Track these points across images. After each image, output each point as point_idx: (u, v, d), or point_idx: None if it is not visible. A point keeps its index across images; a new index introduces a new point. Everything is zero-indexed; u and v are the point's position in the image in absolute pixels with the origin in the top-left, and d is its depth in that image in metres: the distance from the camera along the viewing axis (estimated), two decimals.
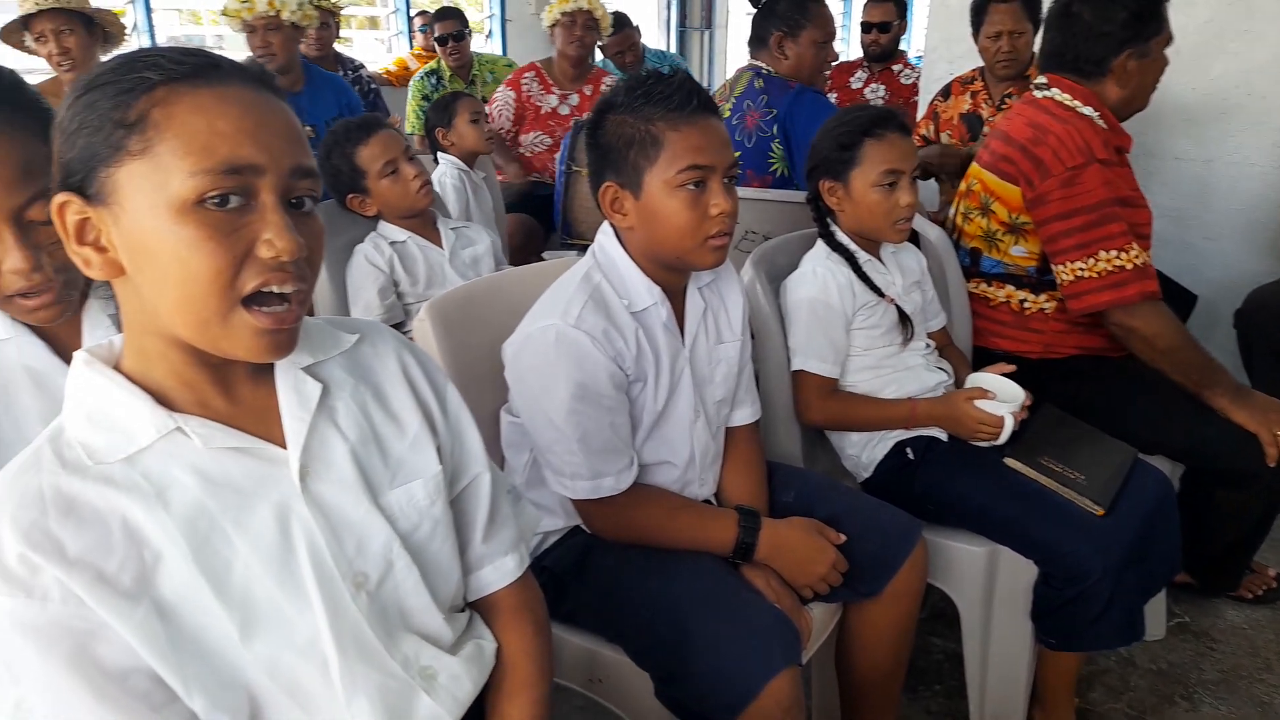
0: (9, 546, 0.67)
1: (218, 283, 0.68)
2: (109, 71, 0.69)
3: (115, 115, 0.67)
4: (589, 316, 1.24)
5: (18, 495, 0.69)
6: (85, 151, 0.68)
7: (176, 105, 0.67)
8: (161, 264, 0.68)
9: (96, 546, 0.69)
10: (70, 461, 0.71)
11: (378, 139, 2.06)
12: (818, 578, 1.33)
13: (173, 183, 0.67)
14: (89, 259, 0.71)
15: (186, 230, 0.67)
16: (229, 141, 0.67)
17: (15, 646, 0.67)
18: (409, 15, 5.88)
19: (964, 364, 1.89)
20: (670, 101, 1.21)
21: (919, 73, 3.65)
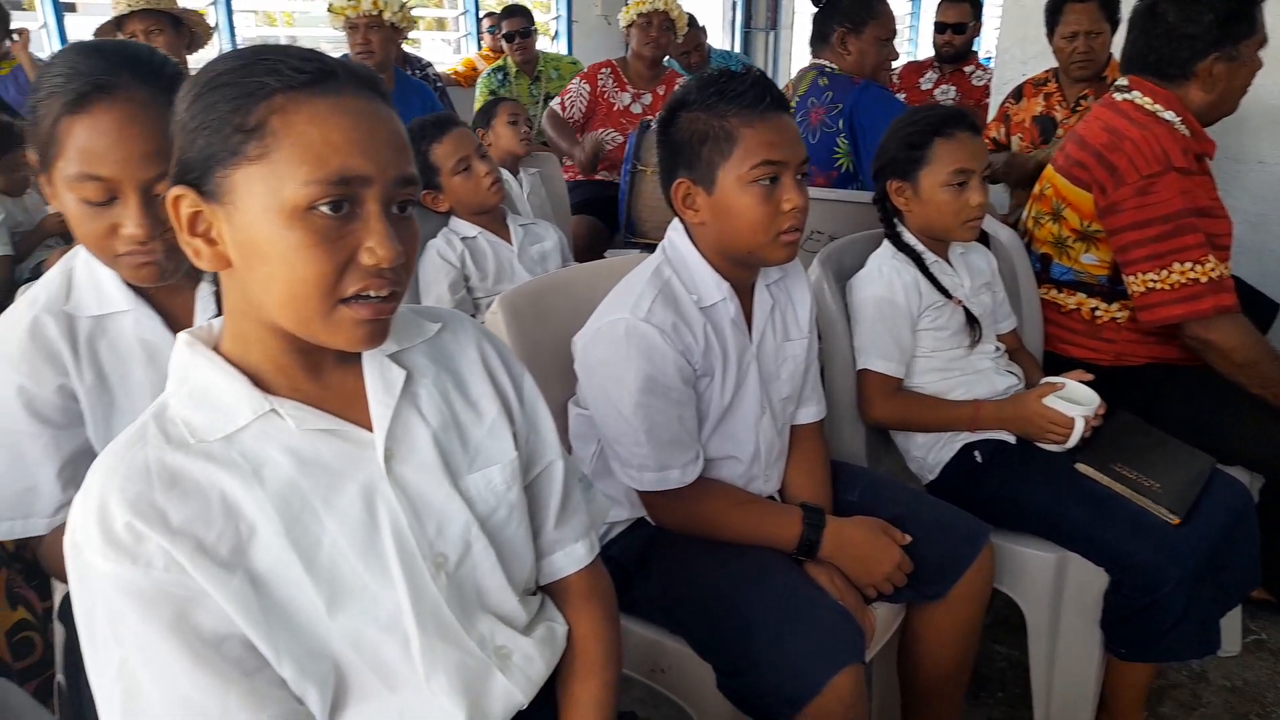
0: (117, 515, 0.70)
1: (321, 286, 0.71)
2: (229, 72, 0.72)
3: (235, 120, 0.70)
4: (659, 310, 1.26)
5: (125, 467, 0.73)
6: (204, 151, 0.71)
7: (294, 114, 0.70)
8: (270, 264, 0.71)
9: (197, 518, 0.73)
10: (174, 437, 0.75)
11: (451, 137, 2.10)
12: (882, 577, 1.33)
13: (286, 189, 0.69)
14: (199, 250, 0.75)
15: (295, 235, 0.70)
16: (341, 153, 0.70)
17: (121, 610, 0.70)
18: (477, 16, 5.96)
19: (1035, 368, 1.86)
20: (744, 98, 1.22)
21: (990, 74, 3.59)
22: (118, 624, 0.71)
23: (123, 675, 0.71)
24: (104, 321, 1.08)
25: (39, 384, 1.04)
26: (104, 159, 0.97)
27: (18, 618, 1.50)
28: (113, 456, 0.74)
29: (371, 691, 0.80)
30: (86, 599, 0.72)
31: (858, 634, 1.21)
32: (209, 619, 0.72)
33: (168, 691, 0.71)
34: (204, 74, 0.73)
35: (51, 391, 1.04)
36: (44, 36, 4.55)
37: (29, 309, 1.06)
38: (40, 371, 1.04)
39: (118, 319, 1.08)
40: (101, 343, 1.08)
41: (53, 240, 2.84)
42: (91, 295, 1.08)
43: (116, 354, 1.08)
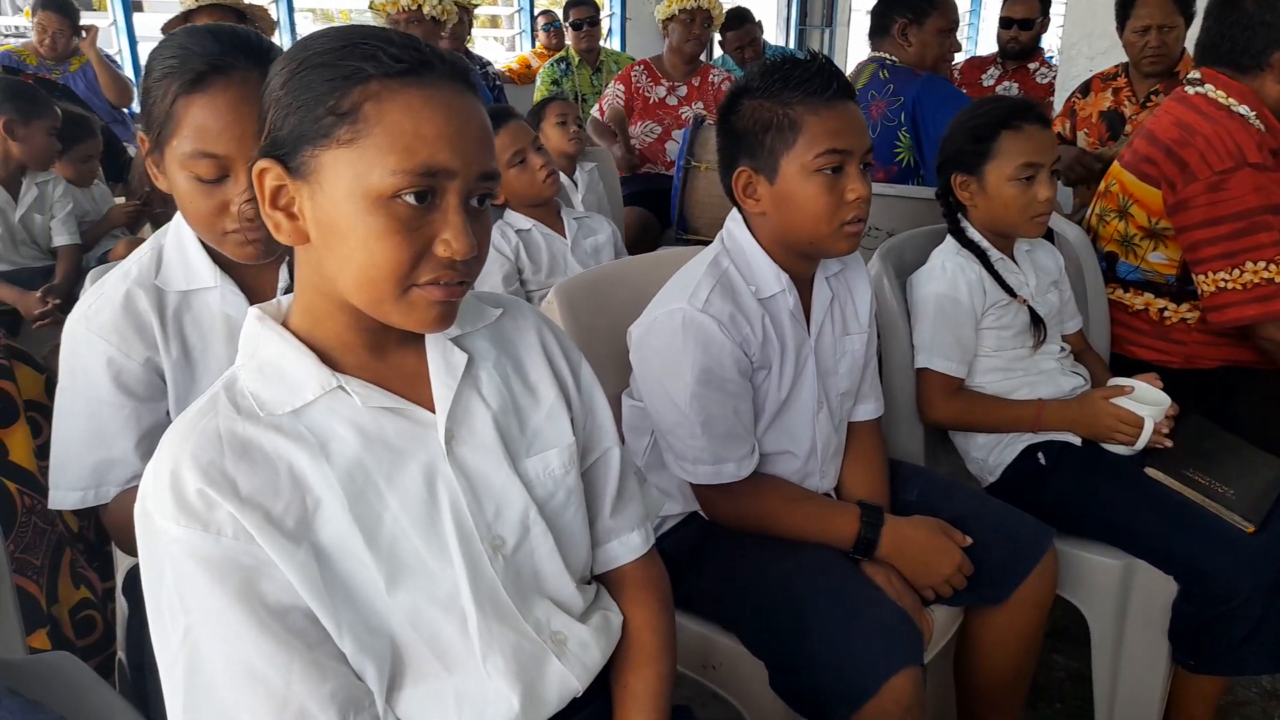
0: (189, 482, 0.71)
1: (396, 272, 0.72)
2: (327, 53, 0.72)
3: (329, 102, 0.70)
4: (716, 301, 1.24)
5: (197, 435, 0.74)
6: (295, 129, 0.72)
7: (388, 103, 0.70)
8: (349, 246, 0.72)
9: (266, 488, 0.73)
10: (244, 408, 0.76)
11: (507, 130, 2.11)
12: (941, 579, 1.29)
13: (373, 176, 0.70)
14: (279, 223, 0.75)
15: (377, 221, 0.71)
16: (430, 145, 0.70)
17: (189, 576, 0.71)
18: (531, 14, 6.00)
19: (1103, 369, 1.80)
20: (809, 85, 1.20)
21: (1056, 71, 3.51)
22: (185, 590, 0.71)
23: (187, 641, 0.72)
24: (190, 297, 1.11)
25: (128, 356, 1.06)
26: (219, 137, 1.00)
27: (80, 596, 1.53)
28: (185, 425, 0.75)
29: (428, 671, 0.80)
30: (155, 565, 0.73)
31: (916, 635, 1.18)
32: (274, 589, 0.73)
33: (232, 659, 0.71)
34: (301, 51, 0.73)
35: (139, 364, 1.07)
36: (113, 34, 4.68)
37: (122, 282, 1.09)
38: (131, 343, 1.06)
39: (204, 295, 1.11)
40: (187, 317, 1.10)
41: (119, 230, 2.92)
42: (180, 271, 1.11)
43: (200, 329, 1.11)
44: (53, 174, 2.70)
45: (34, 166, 2.60)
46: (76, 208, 2.77)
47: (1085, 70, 3.04)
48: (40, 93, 2.60)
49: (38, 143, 2.54)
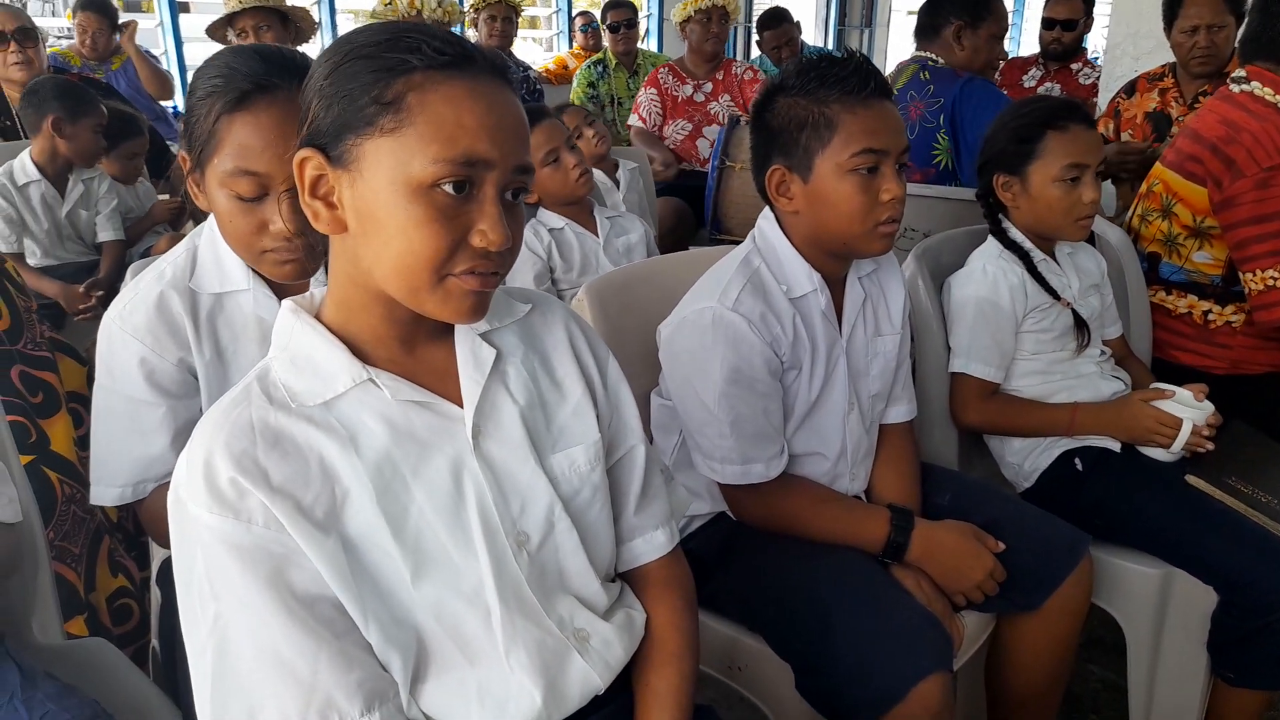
0: (221, 470, 0.72)
1: (433, 261, 0.73)
2: (372, 45, 0.73)
3: (373, 91, 0.71)
4: (746, 300, 1.23)
5: (230, 424, 0.74)
6: (339, 119, 0.73)
7: (432, 93, 0.71)
8: (386, 234, 0.73)
9: (296, 477, 0.74)
10: (276, 399, 0.77)
11: (541, 128, 2.11)
12: (973, 585, 1.27)
13: (414, 164, 0.71)
14: (318, 212, 0.76)
15: (417, 209, 0.71)
16: (471, 135, 0.71)
17: (220, 563, 0.72)
18: (569, 15, 6.02)
19: (1146, 375, 1.77)
20: (846, 84, 1.19)
21: (1099, 72, 3.45)
22: (216, 577, 0.72)
23: (217, 628, 0.73)
24: (223, 299, 1.12)
25: (161, 355, 1.08)
26: (261, 155, 1.01)
27: (118, 585, 1.56)
28: (218, 414, 0.76)
29: (452, 664, 0.80)
30: (187, 552, 0.74)
31: (946, 641, 1.16)
32: (303, 578, 0.73)
33: (261, 646, 0.72)
34: (346, 44, 0.74)
35: (172, 364, 1.09)
36: (159, 34, 4.77)
37: (156, 283, 1.11)
38: (164, 344, 1.08)
39: (236, 297, 1.12)
40: (220, 319, 1.12)
41: (161, 227, 2.97)
42: (214, 273, 1.12)
43: (233, 330, 1.12)
44: (98, 170, 2.75)
45: (80, 164, 2.66)
46: (121, 204, 2.82)
47: (1130, 70, 2.98)
48: (88, 92, 2.65)
49: (84, 140, 2.60)
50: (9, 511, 1.13)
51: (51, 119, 2.53)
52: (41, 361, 1.57)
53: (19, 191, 2.57)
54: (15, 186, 2.56)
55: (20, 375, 1.51)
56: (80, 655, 1.20)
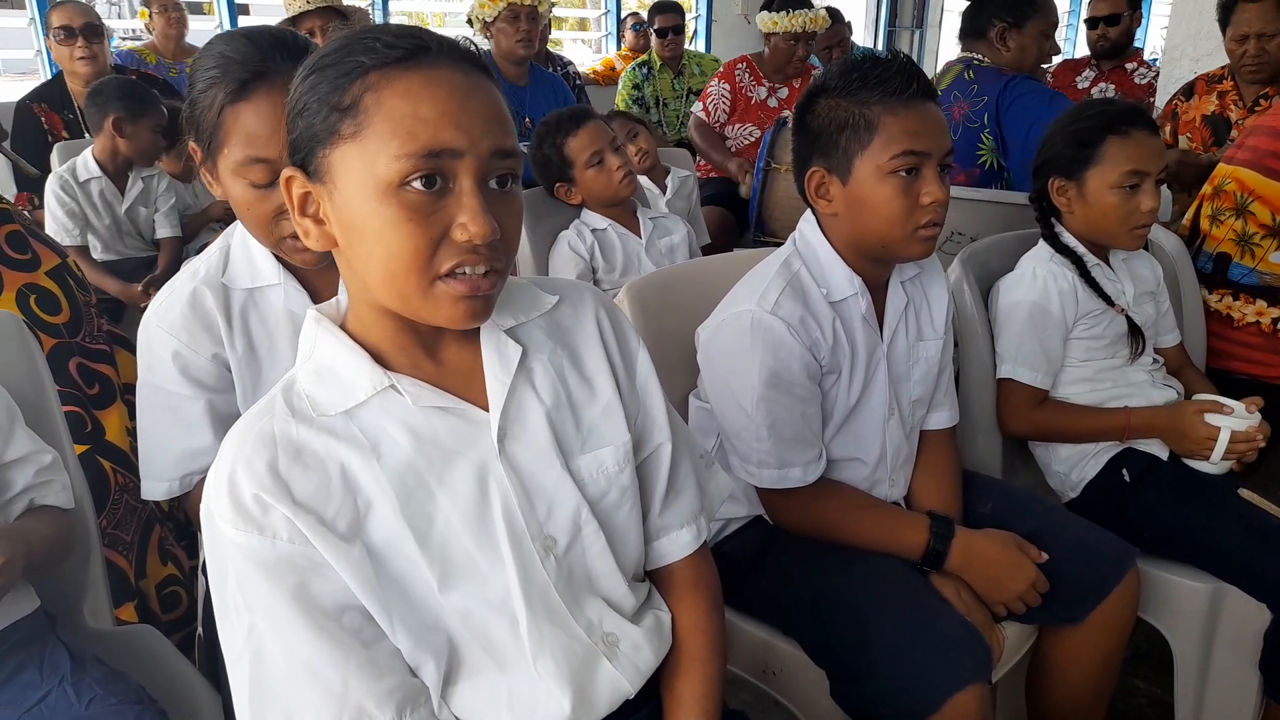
0: (245, 487, 0.73)
1: (416, 262, 0.71)
2: (331, 54, 0.73)
3: (332, 99, 0.71)
4: (786, 303, 1.22)
5: (253, 439, 0.75)
6: (306, 132, 0.72)
7: (386, 90, 0.70)
8: (368, 241, 0.72)
9: (318, 491, 0.74)
10: (299, 411, 0.77)
11: (586, 130, 2.12)
12: (1014, 595, 1.25)
13: (378, 165, 0.69)
14: (308, 230, 0.76)
15: (389, 211, 0.70)
16: (431, 126, 0.69)
17: (249, 578, 0.73)
18: (618, 17, 6.03)
19: (1204, 385, 1.71)
20: (888, 85, 1.17)
21: (1156, 71, 3.36)
22: (247, 590, 0.73)
23: (251, 639, 0.74)
24: (255, 294, 1.14)
25: (195, 351, 1.10)
26: (269, 141, 1.02)
27: (167, 573, 1.60)
28: (243, 429, 0.77)
29: (483, 668, 0.81)
30: (219, 566, 0.75)
31: (985, 651, 1.14)
32: (330, 590, 0.74)
33: (292, 658, 0.73)
34: (312, 58, 0.74)
35: (206, 359, 1.11)
36: None
37: (190, 280, 1.13)
38: (198, 339, 1.10)
39: (268, 292, 1.14)
40: (253, 314, 1.14)
41: (216, 224, 3.04)
42: (246, 269, 1.14)
43: (265, 326, 1.14)
44: (157, 169, 2.82)
45: (140, 163, 2.73)
46: (179, 201, 2.90)
47: (1189, 72, 2.90)
48: (148, 92, 2.72)
49: (144, 140, 2.67)
50: (63, 498, 1.17)
51: (113, 119, 2.60)
52: (99, 354, 1.62)
53: (81, 188, 2.65)
54: (77, 183, 2.64)
55: (78, 367, 1.56)
56: (128, 641, 1.24)
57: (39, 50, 4.27)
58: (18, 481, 1.11)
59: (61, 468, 1.17)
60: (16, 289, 1.51)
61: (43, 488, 1.14)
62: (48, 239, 1.66)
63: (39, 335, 1.29)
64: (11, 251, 1.53)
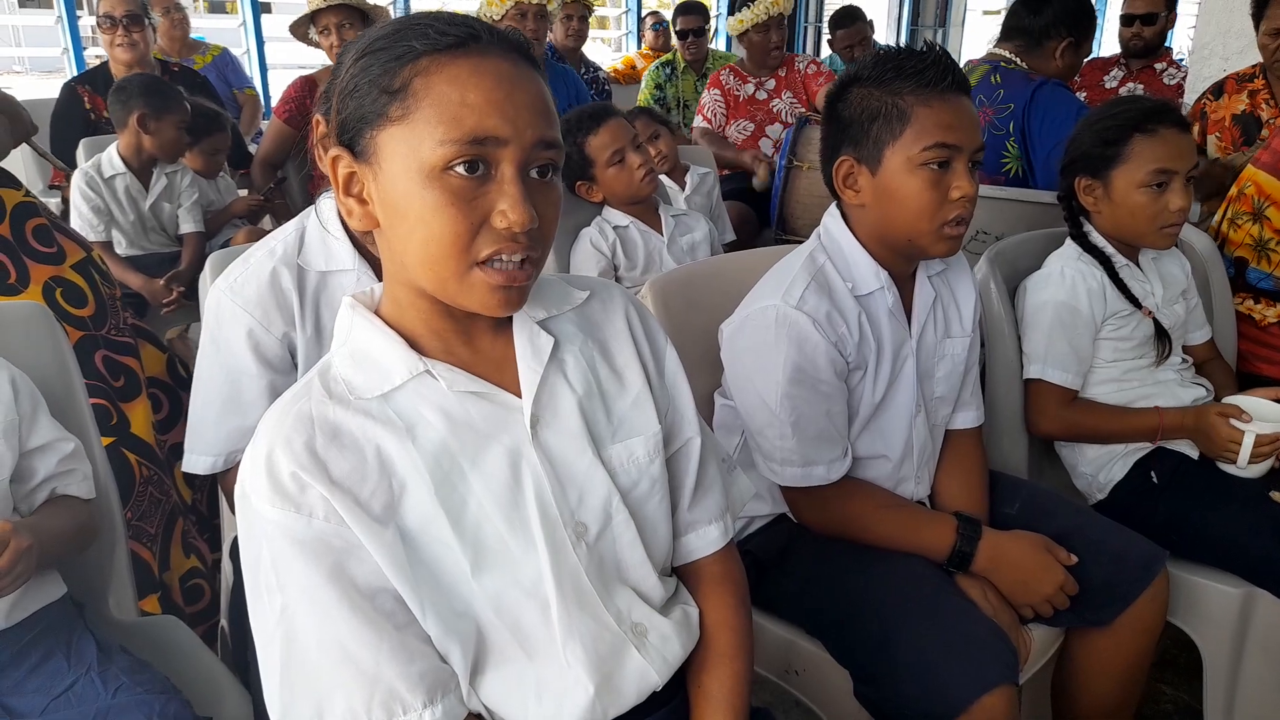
0: (282, 465, 0.73)
1: (456, 246, 0.72)
2: (383, 38, 0.74)
3: (382, 81, 0.72)
4: (811, 298, 1.21)
5: (291, 419, 0.76)
6: (355, 113, 0.74)
7: (436, 75, 0.71)
8: (409, 223, 0.73)
9: (354, 472, 0.75)
10: (335, 393, 0.78)
11: (607, 128, 2.11)
12: (1042, 598, 1.24)
13: (424, 149, 0.71)
14: (351, 209, 0.77)
15: (431, 194, 0.71)
16: (477, 113, 0.70)
17: (284, 556, 0.73)
18: (639, 16, 6.03)
19: (1231, 379, 1.69)
20: (923, 76, 1.16)
21: (1185, 72, 3.32)
22: (281, 570, 0.74)
23: (284, 620, 0.74)
24: (328, 277, 1.15)
25: (268, 329, 1.11)
26: None
27: (190, 565, 1.61)
28: (280, 409, 0.77)
29: (511, 657, 0.80)
30: (253, 545, 0.75)
31: (1011, 654, 1.13)
32: (364, 571, 0.74)
33: (326, 637, 0.73)
34: (362, 40, 0.75)
35: (277, 339, 1.12)
36: (242, 34, 4.92)
37: (269, 259, 1.14)
38: (272, 317, 1.11)
39: (340, 277, 1.15)
40: (323, 297, 1.15)
41: (238, 221, 3.06)
42: (321, 252, 1.15)
43: (333, 310, 1.13)
44: (181, 165, 2.84)
45: (164, 159, 2.75)
46: (202, 197, 2.92)
47: (1218, 70, 2.86)
48: (172, 89, 2.74)
49: (168, 136, 2.68)
50: (83, 488, 1.17)
51: (137, 115, 2.62)
52: (124, 347, 1.63)
53: (106, 184, 2.67)
54: (102, 179, 2.67)
55: (104, 360, 1.57)
56: (153, 632, 1.24)
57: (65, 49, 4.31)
58: (40, 470, 1.13)
59: (84, 457, 1.18)
60: (43, 282, 1.52)
61: (64, 477, 1.15)
62: (73, 232, 1.68)
63: (65, 328, 1.30)
64: (38, 245, 1.55)
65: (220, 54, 4.04)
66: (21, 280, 1.50)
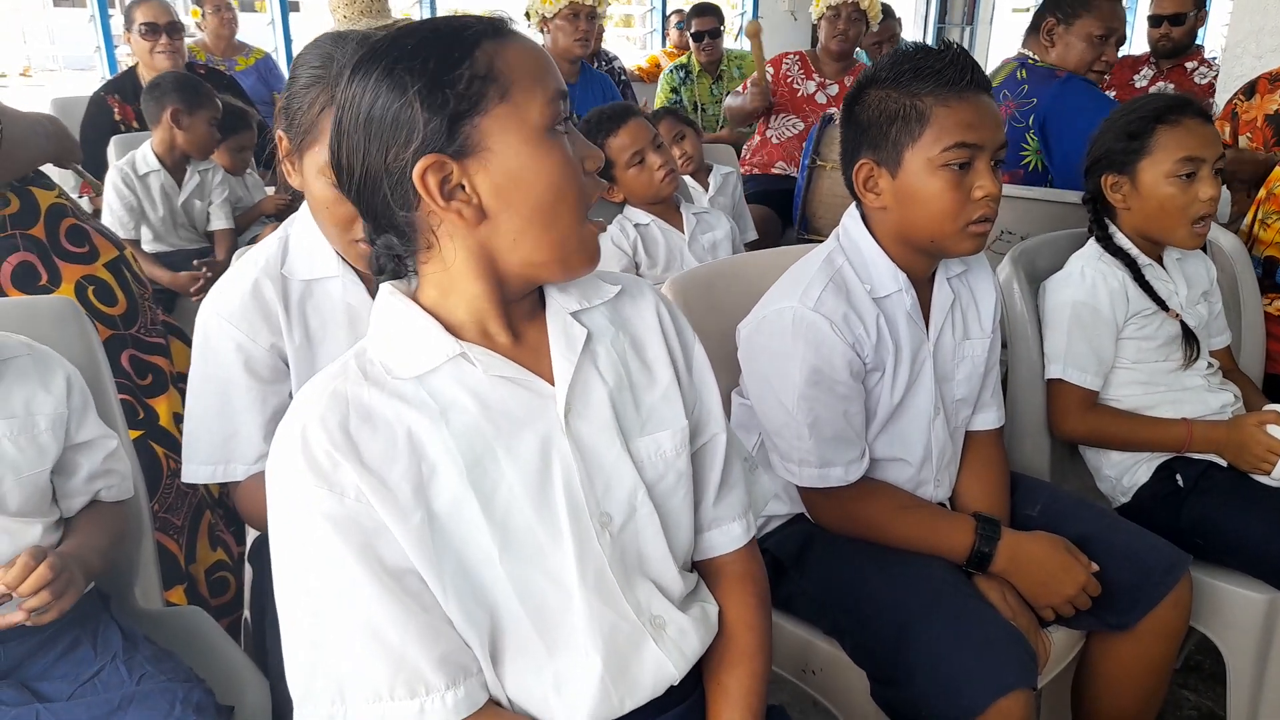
0: (316, 442, 0.75)
1: (580, 198, 0.79)
2: (422, 44, 0.74)
3: (466, 72, 0.74)
4: (829, 300, 1.21)
5: (326, 398, 0.77)
6: (444, 112, 0.73)
7: (509, 52, 0.76)
8: (537, 191, 0.77)
9: (384, 454, 0.76)
10: (370, 375, 0.79)
11: (627, 129, 2.12)
12: (1063, 599, 1.22)
13: (533, 115, 0.76)
14: (460, 211, 0.76)
15: (555, 153, 0.77)
16: (548, 73, 0.78)
17: (316, 533, 0.74)
18: (664, 14, 6.03)
19: (1254, 392, 1.67)
20: (942, 76, 1.15)
21: (1217, 71, 3.27)
22: (311, 547, 0.75)
23: (311, 601, 0.75)
24: (314, 285, 1.15)
25: (255, 341, 1.12)
26: None
27: (216, 558, 1.63)
28: (316, 388, 0.79)
29: (530, 649, 0.81)
30: (283, 522, 0.76)
31: (1030, 657, 1.12)
32: (393, 551, 0.75)
33: (354, 615, 0.74)
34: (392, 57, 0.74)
35: (265, 350, 1.12)
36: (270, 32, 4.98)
37: (251, 270, 1.14)
38: (257, 329, 1.12)
39: (326, 284, 1.15)
40: (309, 304, 1.15)
41: (268, 219, 3.10)
42: (305, 261, 1.15)
43: (321, 316, 1.15)
44: (212, 163, 2.89)
45: (195, 155, 2.78)
46: (231, 194, 2.96)
47: (1251, 69, 2.82)
48: (204, 86, 2.78)
49: (200, 132, 2.72)
50: (123, 488, 1.20)
51: (170, 110, 2.66)
52: (154, 346, 1.65)
53: (140, 180, 2.72)
54: (137, 175, 2.71)
55: (130, 359, 1.60)
56: (177, 622, 1.26)
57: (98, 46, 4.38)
58: (83, 466, 1.15)
59: (124, 456, 1.20)
60: (75, 280, 1.55)
61: (105, 477, 1.17)
62: (106, 230, 1.70)
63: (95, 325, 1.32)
64: (70, 245, 1.57)
65: (263, 58, 4.09)
66: (53, 280, 1.53)
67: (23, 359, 1.10)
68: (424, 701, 0.75)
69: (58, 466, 1.12)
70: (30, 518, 1.07)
